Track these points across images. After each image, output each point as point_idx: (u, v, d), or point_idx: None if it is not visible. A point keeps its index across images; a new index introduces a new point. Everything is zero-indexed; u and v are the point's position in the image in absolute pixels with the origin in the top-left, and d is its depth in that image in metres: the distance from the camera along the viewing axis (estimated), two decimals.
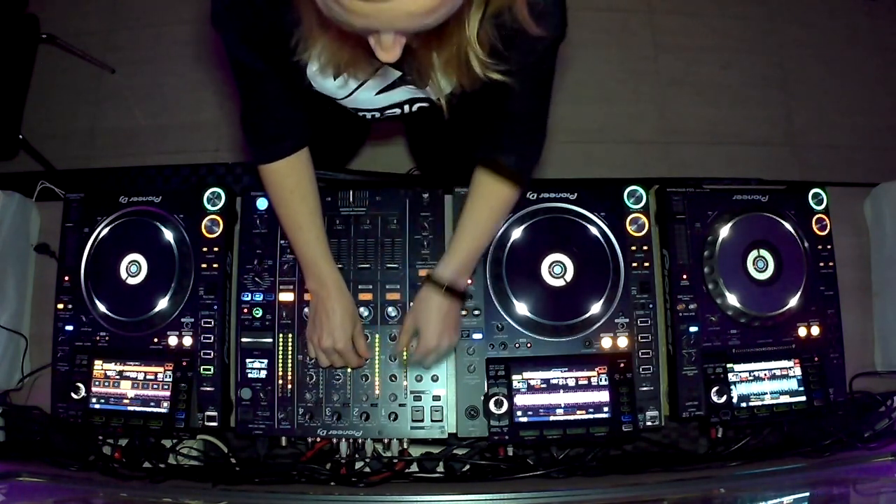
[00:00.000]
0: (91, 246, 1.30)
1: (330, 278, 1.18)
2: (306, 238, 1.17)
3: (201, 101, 2.48)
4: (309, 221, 1.17)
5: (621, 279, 1.27)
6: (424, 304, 1.19)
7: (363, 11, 0.69)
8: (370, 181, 1.93)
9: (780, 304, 1.29)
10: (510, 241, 1.28)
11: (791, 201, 1.34)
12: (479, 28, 0.85)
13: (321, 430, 1.22)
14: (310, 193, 1.17)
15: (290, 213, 1.17)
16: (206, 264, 1.28)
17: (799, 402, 1.25)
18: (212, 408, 1.23)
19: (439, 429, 1.22)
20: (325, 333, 1.17)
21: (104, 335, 1.27)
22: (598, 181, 2.25)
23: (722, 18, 2.65)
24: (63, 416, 1.24)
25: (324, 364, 1.21)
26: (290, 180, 1.14)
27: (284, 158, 1.12)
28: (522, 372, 1.21)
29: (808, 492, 1.20)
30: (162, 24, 2.57)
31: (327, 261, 1.18)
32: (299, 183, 1.15)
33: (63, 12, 2.53)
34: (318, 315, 1.19)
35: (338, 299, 1.17)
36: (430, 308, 1.18)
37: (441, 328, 1.17)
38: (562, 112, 1.11)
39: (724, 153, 2.50)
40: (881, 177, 1.44)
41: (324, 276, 1.18)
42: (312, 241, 1.17)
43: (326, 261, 1.18)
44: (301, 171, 1.15)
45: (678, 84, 2.56)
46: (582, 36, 2.54)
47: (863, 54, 2.63)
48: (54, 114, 2.47)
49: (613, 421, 1.19)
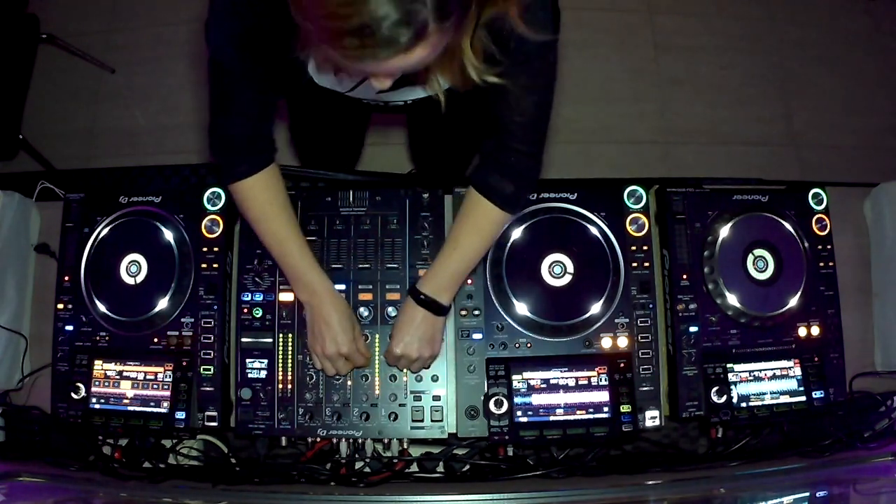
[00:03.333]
0: (91, 246, 1.30)
1: (321, 286, 1.17)
2: (290, 249, 1.16)
3: (201, 101, 2.47)
4: (291, 233, 1.16)
5: (621, 279, 1.27)
6: (401, 310, 1.20)
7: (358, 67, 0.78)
8: (370, 181, 1.93)
9: (780, 304, 1.29)
10: (510, 241, 1.28)
11: (791, 201, 1.34)
12: (472, 37, 0.86)
13: (321, 430, 1.22)
14: (286, 205, 1.16)
15: (270, 227, 1.16)
16: (206, 264, 1.28)
17: (799, 402, 1.25)
18: (212, 408, 1.23)
19: (439, 429, 1.22)
20: (327, 341, 1.16)
21: (104, 335, 1.27)
22: (598, 181, 2.24)
23: (722, 18, 2.65)
24: (63, 416, 1.24)
25: (330, 373, 1.20)
26: (266, 194, 1.14)
27: (258, 173, 1.11)
28: (522, 372, 1.21)
29: (808, 492, 1.20)
30: (162, 24, 2.57)
31: (315, 269, 1.17)
32: (276, 196, 1.14)
33: (63, 12, 2.53)
34: (316, 324, 1.18)
35: (333, 304, 1.17)
36: (404, 315, 1.18)
37: (409, 338, 1.17)
38: (562, 112, 1.11)
39: (724, 153, 2.50)
40: (881, 177, 1.44)
41: (314, 285, 1.17)
42: (297, 252, 1.16)
43: (314, 269, 1.17)
44: (275, 185, 1.14)
45: (678, 84, 2.56)
46: (582, 36, 2.54)
47: (863, 54, 2.63)
48: (54, 114, 2.47)
49: (613, 421, 1.19)
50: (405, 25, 0.72)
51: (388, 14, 0.70)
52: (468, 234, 1.16)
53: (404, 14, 0.71)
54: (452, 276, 1.17)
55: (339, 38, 0.73)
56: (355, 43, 0.73)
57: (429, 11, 0.72)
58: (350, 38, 0.72)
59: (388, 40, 0.72)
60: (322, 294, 1.17)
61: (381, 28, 0.71)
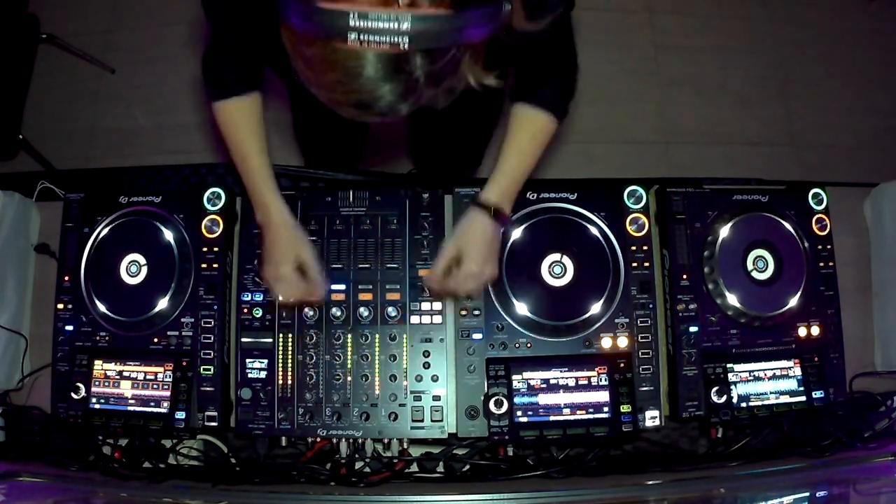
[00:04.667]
0: (91, 246, 1.30)
1: (273, 206, 1.18)
2: (251, 166, 1.18)
3: (201, 101, 2.47)
4: (255, 151, 1.18)
5: (621, 279, 1.27)
6: (470, 227, 1.16)
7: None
8: (370, 181, 1.93)
9: (780, 304, 1.29)
10: (510, 241, 1.28)
11: (791, 201, 1.34)
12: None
13: (321, 430, 1.22)
14: (258, 129, 1.19)
15: (236, 143, 1.19)
16: (206, 264, 1.28)
17: (799, 402, 1.25)
18: (212, 408, 1.23)
19: (439, 429, 1.22)
20: (268, 262, 1.18)
21: (104, 335, 1.27)
22: (598, 181, 2.24)
23: (722, 18, 2.65)
24: (63, 416, 1.24)
25: (275, 297, 1.22)
26: (239, 115, 1.18)
27: (237, 97, 1.16)
28: (522, 372, 1.21)
29: (808, 492, 1.20)
30: (162, 24, 2.57)
31: (272, 190, 1.19)
32: (248, 120, 1.18)
33: (63, 12, 2.53)
34: (264, 246, 1.20)
35: (280, 226, 1.18)
36: (475, 231, 1.15)
37: (486, 253, 1.15)
38: None
39: (724, 153, 2.50)
40: (881, 177, 1.44)
41: (268, 206, 1.18)
42: (257, 169, 1.18)
43: (271, 190, 1.19)
44: (252, 110, 1.18)
45: (678, 84, 2.56)
46: (582, 36, 2.52)
47: (863, 54, 2.63)
48: (54, 114, 2.47)
49: (613, 421, 1.19)
50: (403, 101, 0.73)
51: (385, 94, 0.71)
52: (527, 143, 1.16)
53: (402, 93, 0.72)
54: (515, 183, 1.17)
55: (338, 105, 0.75)
56: (352, 112, 0.75)
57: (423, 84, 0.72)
58: (349, 108, 0.74)
59: (385, 112, 0.74)
60: (273, 215, 1.18)
61: (378, 104, 0.73)
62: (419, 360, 1.24)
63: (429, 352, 1.25)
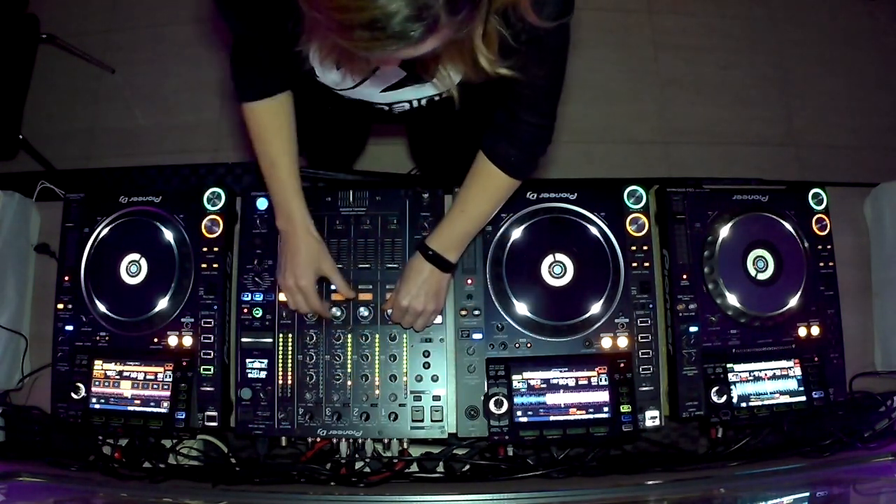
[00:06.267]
0: (91, 246, 1.30)
1: (298, 215, 1.18)
2: (279, 174, 1.17)
3: (201, 101, 2.48)
4: (283, 158, 1.17)
5: (621, 279, 1.27)
6: (409, 265, 1.21)
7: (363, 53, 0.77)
8: (370, 181, 1.93)
9: (780, 304, 1.29)
10: (510, 241, 1.28)
11: (791, 201, 1.34)
12: (484, 27, 0.85)
13: (321, 430, 1.22)
14: (287, 134, 1.17)
15: (265, 148, 1.17)
16: (206, 264, 1.28)
17: (799, 402, 1.25)
18: (212, 408, 1.23)
19: (439, 429, 1.22)
20: (287, 272, 1.18)
21: (104, 335, 1.27)
22: (598, 181, 2.24)
23: (722, 18, 2.65)
24: (63, 416, 1.24)
25: (292, 307, 1.22)
26: (269, 118, 1.16)
27: (267, 98, 1.13)
28: (522, 372, 1.21)
29: (808, 492, 1.20)
30: (162, 24, 2.57)
31: (297, 199, 1.18)
32: (279, 124, 1.16)
33: (63, 12, 2.53)
34: (284, 253, 1.20)
35: (303, 237, 1.18)
36: (412, 269, 1.19)
37: (416, 291, 1.18)
38: (562, 112, 1.11)
39: (724, 153, 2.50)
40: (881, 177, 1.44)
41: (293, 214, 1.18)
42: (284, 178, 1.17)
43: (297, 199, 1.18)
44: (281, 113, 1.16)
45: (678, 84, 2.56)
46: (582, 36, 2.54)
47: (863, 54, 2.63)
48: (54, 114, 2.47)
49: (613, 421, 1.19)
50: (417, 20, 0.71)
51: (399, 9, 0.70)
52: (476, 198, 1.17)
53: (416, 9, 0.70)
54: (459, 237, 1.18)
55: (349, 30, 0.72)
56: (365, 35, 0.72)
57: (440, 6, 0.71)
58: (360, 30, 0.72)
59: (399, 34, 0.72)
60: (297, 224, 1.18)
61: (392, 23, 0.70)
62: (419, 360, 1.24)
63: (429, 352, 1.25)
